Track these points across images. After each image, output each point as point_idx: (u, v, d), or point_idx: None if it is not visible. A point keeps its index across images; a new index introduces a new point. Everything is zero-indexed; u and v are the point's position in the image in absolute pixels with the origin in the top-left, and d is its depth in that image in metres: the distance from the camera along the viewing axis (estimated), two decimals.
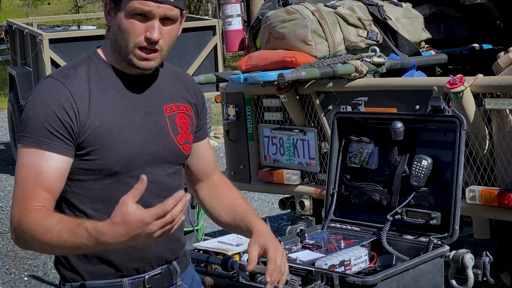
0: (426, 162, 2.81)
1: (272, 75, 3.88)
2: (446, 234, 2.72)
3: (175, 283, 2.17)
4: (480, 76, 3.29)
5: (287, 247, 2.80)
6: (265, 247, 2.15)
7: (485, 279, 3.38)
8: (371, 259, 2.74)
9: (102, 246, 1.83)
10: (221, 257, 3.01)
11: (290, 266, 2.54)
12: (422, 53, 4.35)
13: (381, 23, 4.20)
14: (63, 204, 2.04)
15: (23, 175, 1.95)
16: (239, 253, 2.77)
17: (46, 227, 1.87)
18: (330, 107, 3.94)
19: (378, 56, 3.96)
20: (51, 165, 1.95)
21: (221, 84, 4.49)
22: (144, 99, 2.07)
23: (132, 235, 1.77)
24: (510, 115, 3.25)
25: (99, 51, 2.11)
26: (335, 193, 3.09)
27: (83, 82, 2.02)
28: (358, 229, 2.97)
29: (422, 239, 2.76)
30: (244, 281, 2.58)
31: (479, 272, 3.33)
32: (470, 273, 3.16)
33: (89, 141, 1.98)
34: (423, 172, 2.81)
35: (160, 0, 1.97)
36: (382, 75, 3.96)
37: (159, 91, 2.13)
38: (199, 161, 2.32)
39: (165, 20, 2.00)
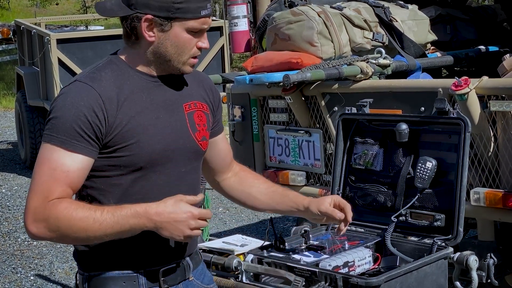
0: (430, 164, 2.81)
1: (278, 76, 3.89)
2: (450, 236, 2.72)
3: (187, 278, 2.26)
4: (485, 78, 3.29)
5: (292, 247, 2.80)
6: (335, 201, 2.49)
7: (489, 281, 3.38)
8: (375, 260, 2.74)
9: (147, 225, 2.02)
10: (226, 257, 3.01)
11: (293, 267, 2.56)
12: (428, 55, 4.35)
13: (387, 24, 4.20)
14: (88, 200, 2.12)
15: (46, 170, 2.03)
16: (243, 253, 2.78)
17: (93, 217, 1.99)
18: (336, 108, 3.94)
19: (384, 58, 3.96)
20: (76, 165, 2.04)
21: (227, 85, 4.50)
22: (166, 98, 2.19)
23: (176, 218, 2.00)
24: None
25: (121, 56, 2.19)
26: (340, 194, 3.10)
27: (110, 84, 2.11)
28: (363, 230, 2.97)
29: (426, 240, 2.76)
30: (248, 281, 2.59)
31: (484, 274, 3.33)
32: (474, 275, 3.15)
33: (116, 139, 2.08)
34: (427, 174, 2.81)
35: (208, 15, 2.15)
36: (388, 77, 3.96)
37: (179, 90, 2.24)
38: (219, 154, 2.44)
39: None
